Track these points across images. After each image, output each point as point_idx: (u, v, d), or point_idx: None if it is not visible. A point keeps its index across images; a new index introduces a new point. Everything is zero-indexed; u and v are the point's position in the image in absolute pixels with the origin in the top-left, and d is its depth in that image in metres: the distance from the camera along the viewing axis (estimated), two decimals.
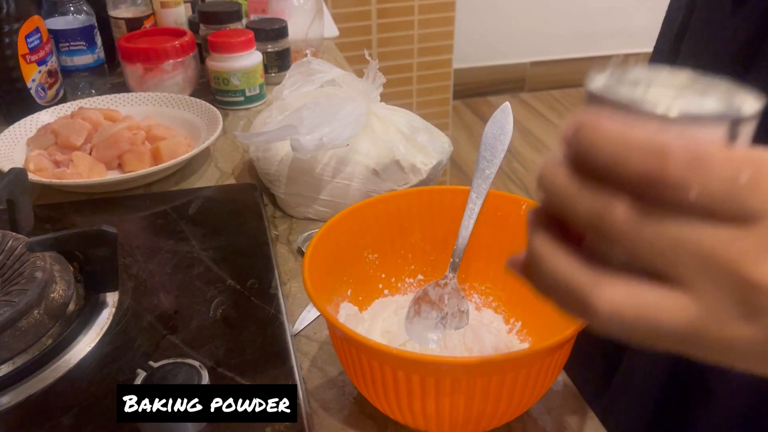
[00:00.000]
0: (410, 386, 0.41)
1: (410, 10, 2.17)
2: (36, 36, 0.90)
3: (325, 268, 0.49)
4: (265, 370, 0.49)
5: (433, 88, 2.30)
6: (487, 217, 0.53)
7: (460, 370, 0.41)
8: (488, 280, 0.56)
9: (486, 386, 0.41)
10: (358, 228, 0.53)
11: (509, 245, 0.51)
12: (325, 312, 0.42)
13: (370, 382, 0.43)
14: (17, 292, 0.51)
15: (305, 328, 0.56)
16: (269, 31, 1.02)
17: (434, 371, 0.41)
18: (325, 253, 0.49)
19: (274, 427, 0.44)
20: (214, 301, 0.56)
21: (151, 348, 0.51)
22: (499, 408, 0.42)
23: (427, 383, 0.40)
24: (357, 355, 0.43)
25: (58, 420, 0.45)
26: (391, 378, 0.41)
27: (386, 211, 0.54)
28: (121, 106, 0.90)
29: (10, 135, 0.82)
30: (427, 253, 0.56)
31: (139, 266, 0.61)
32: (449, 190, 0.55)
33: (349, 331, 0.41)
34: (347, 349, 0.44)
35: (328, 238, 0.50)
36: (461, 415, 0.42)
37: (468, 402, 0.41)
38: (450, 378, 0.40)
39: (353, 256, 0.54)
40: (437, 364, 0.41)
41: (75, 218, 0.70)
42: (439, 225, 0.55)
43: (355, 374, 0.45)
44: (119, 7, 1.06)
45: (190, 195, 0.73)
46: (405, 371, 0.41)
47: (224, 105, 0.98)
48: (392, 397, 0.43)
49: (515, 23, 2.95)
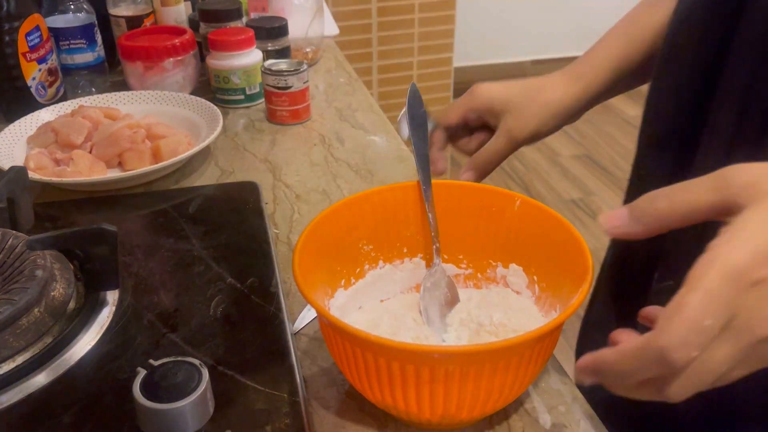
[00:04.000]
0: (403, 374, 0.41)
1: (410, 8, 2.17)
2: (36, 34, 0.90)
3: (317, 259, 0.49)
4: (266, 369, 0.49)
5: (434, 86, 2.30)
6: (483, 212, 0.55)
7: (455, 358, 0.41)
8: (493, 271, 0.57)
9: (479, 373, 0.41)
10: (352, 220, 0.53)
11: (504, 239, 0.54)
12: (311, 299, 0.43)
13: (363, 371, 0.44)
14: (17, 290, 0.51)
15: (306, 326, 0.56)
16: (269, 29, 1.02)
17: (427, 360, 0.41)
18: (317, 244, 0.49)
19: (274, 425, 0.44)
20: (215, 300, 0.56)
21: (151, 346, 0.51)
22: (492, 395, 0.43)
23: (408, 371, 0.41)
24: (342, 343, 0.43)
25: (59, 418, 0.45)
26: (375, 365, 0.42)
27: (381, 204, 0.54)
28: (121, 104, 0.90)
29: (11, 133, 0.82)
30: (422, 245, 0.57)
31: (139, 265, 0.61)
32: (438, 184, 0.56)
33: (336, 320, 0.42)
34: (333, 337, 0.44)
35: (320, 229, 0.50)
36: (455, 401, 0.42)
37: (462, 389, 0.42)
38: (443, 367, 0.41)
39: (347, 247, 0.54)
40: (429, 354, 0.42)
41: (75, 216, 0.70)
42: (425, 217, 0.56)
43: (341, 360, 0.45)
44: (119, 5, 1.06)
45: (191, 193, 0.73)
46: (399, 362, 0.41)
47: (224, 103, 0.98)
48: (386, 386, 0.43)
49: (516, 22, 2.95)
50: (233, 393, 0.47)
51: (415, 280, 0.57)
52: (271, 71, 0.90)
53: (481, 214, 0.55)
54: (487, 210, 0.55)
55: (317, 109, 0.98)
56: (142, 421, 0.42)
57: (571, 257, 0.48)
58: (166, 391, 0.42)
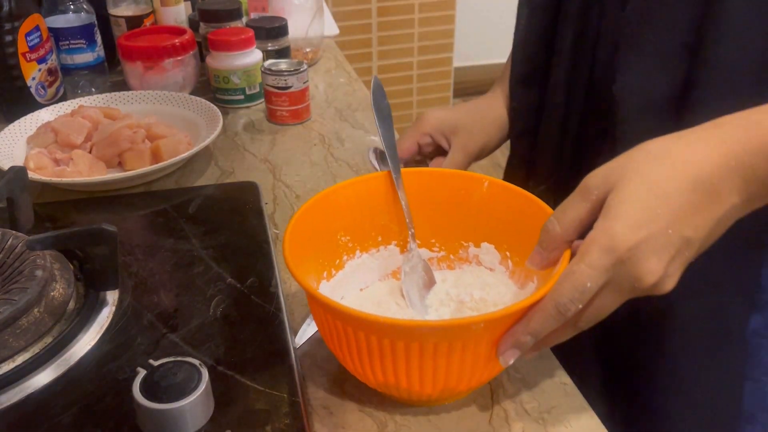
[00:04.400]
0: (391, 350, 0.43)
1: (410, 8, 2.17)
2: (36, 34, 0.90)
3: (303, 250, 0.50)
4: (265, 369, 0.49)
5: (434, 86, 2.30)
6: (453, 196, 0.57)
7: (437, 333, 0.43)
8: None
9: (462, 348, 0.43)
10: (330, 212, 0.55)
11: (474, 220, 0.56)
12: (306, 284, 0.45)
13: (365, 354, 0.45)
14: (17, 290, 0.51)
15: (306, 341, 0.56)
16: (269, 29, 1.01)
17: (408, 335, 0.43)
18: (302, 236, 0.51)
19: (274, 425, 0.44)
20: (214, 300, 0.56)
21: (151, 346, 0.51)
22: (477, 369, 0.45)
23: (397, 347, 0.43)
24: (333, 322, 0.45)
25: (58, 418, 0.45)
26: (366, 342, 0.44)
27: (355, 195, 0.56)
28: (121, 104, 0.90)
29: (10, 133, 0.82)
30: (396, 232, 0.58)
31: (139, 265, 0.61)
32: (408, 172, 0.58)
33: (329, 300, 0.44)
34: (324, 317, 0.46)
35: (305, 221, 0.52)
36: (442, 373, 0.44)
37: (448, 362, 0.44)
38: (432, 341, 0.42)
39: (327, 239, 0.55)
40: (411, 328, 0.44)
41: (75, 216, 0.70)
42: (400, 206, 0.57)
43: (332, 340, 0.47)
44: (119, 5, 1.06)
45: (190, 193, 0.73)
46: (391, 338, 0.43)
47: (224, 103, 0.98)
48: (376, 362, 0.45)
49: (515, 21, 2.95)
50: (233, 393, 0.47)
51: (391, 267, 0.59)
52: (271, 71, 0.90)
53: (450, 199, 0.57)
54: (456, 194, 0.57)
55: (317, 109, 0.98)
56: (142, 421, 0.42)
57: None
58: (166, 391, 0.42)
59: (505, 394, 0.50)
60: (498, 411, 0.49)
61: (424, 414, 0.49)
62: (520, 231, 0.53)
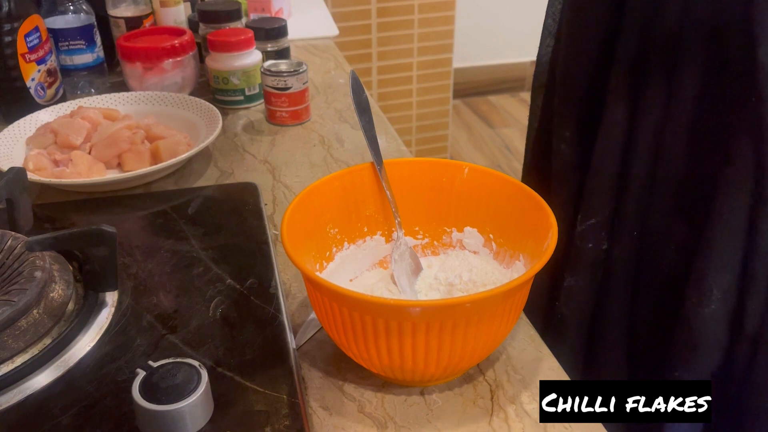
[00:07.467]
0: (386, 329, 0.45)
1: (410, 9, 2.17)
2: (35, 35, 0.90)
3: (297, 245, 0.51)
4: (265, 370, 0.49)
5: (433, 87, 2.30)
6: (434, 184, 0.58)
7: (431, 312, 0.44)
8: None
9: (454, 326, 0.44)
10: (320, 206, 0.56)
11: (456, 205, 0.58)
12: (303, 267, 0.46)
13: (372, 337, 0.46)
14: (16, 291, 0.51)
15: (306, 342, 0.56)
16: (269, 30, 1.02)
17: (400, 314, 0.44)
18: (296, 227, 0.51)
19: (274, 426, 0.44)
20: (214, 301, 0.56)
21: (150, 347, 0.51)
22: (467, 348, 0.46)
23: (391, 326, 0.44)
24: (330, 303, 0.46)
25: (58, 420, 0.45)
26: (362, 324, 0.45)
27: (342, 187, 0.57)
28: (120, 105, 0.90)
29: (10, 134, 0.82)
30: (381, 223, 0.59)
31: (138, 266, 0.61)
32: (390, 163, 0.59)
33: (325, 282, 0.46)
34: (320, 298, 0.47)
35: (298, 215, 0.53)
36: (435, 351, 0.45)
37: (441, 341, 0.45)
38: (424, 321, 0.44)
39: (318, 232, 0.56)
40: (404, 308, 0.45)
41: (74, 217, 0.70)
42: (384, 196, 0.59)
43: (329, 324, 0.49)
44: (119, 6, 1.06)
45: (190, 194, 0.73)
46: (384, 318, 0.44)
47: (224, 104, 0.98)
48: (371, 342, 0.46)
49: (515, 22, 2.95)
50: (232, 394, 0.47)
51: (378, 257, 0.60)
52: (271, 72, 0.90)
53: (432, 186, 0.58)
54: (438, 181, 0.58)
55: (317, 110, 0.98)
56: (142, 423, 0.42)
57: (526, 209, 0.53)
58: (166, 393, 0.42)
59: (505, 395, 0.50)
60: (498, 412, 0.49)
61: (424, 415, 0.49)
62: (502, 213, 0.55)
